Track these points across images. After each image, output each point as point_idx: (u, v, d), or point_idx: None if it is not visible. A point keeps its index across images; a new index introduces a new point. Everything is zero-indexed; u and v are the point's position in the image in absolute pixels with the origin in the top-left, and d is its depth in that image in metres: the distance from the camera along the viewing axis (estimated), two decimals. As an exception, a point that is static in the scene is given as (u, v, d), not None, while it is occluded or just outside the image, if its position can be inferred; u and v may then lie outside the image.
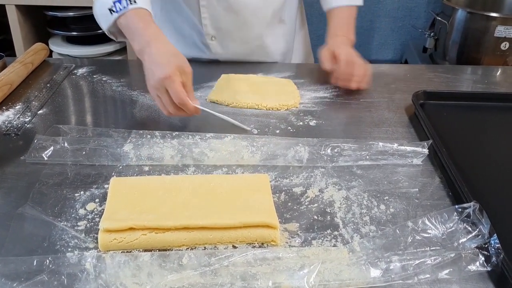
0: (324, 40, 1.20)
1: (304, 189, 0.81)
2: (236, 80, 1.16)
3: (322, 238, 0.71)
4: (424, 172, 0.86)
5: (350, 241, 0.70)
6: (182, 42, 1.30)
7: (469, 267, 0.65)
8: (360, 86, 1.13)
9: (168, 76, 0.89)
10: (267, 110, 1.06)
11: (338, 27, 1.23)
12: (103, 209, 0.72)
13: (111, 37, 1.07)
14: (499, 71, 1.38)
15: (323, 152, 0.88)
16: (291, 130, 0.99)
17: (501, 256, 0.65)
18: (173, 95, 0.90)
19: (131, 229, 0.68)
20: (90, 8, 2.25)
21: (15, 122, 0.98)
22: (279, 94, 1.10)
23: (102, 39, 2.25)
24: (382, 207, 0.77)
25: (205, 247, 0.69)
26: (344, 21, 1.24)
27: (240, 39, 1.27)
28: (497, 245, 0.66)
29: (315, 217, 0.75)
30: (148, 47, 0.94)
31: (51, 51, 2.20)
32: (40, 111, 1.03)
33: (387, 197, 0.80)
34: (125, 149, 0.88)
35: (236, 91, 1.10)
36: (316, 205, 0.77)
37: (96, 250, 0.67)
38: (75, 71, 1.23)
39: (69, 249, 0.67)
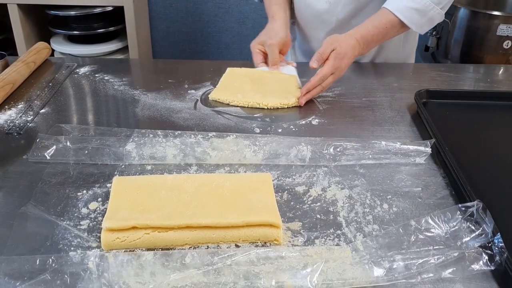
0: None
1: (307, 188, 0.81)
2: (239, 76, 1.16)
3: (325, 237, 0.71)
4: (427, 171, 0.86)
5: (353, 240, 0.70)
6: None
7: (472, 266, 0.65)
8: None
9: (252, 46, 1.23)
10: (268, 109, 1.06)
11: (371, 35, 1.14)
12: (106, 208, 0.72)
13: None
14: (502, 69, 1.38)
15: (326, 151, 0.88)
16: (294, 129, 0.99)
17: (505, 255, 0.64)
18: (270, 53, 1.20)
19: (133, 228, 0.67)
20: (92, 7, 2.26)
21: (17, 121, 0.98)
22: (281, 92, 1.10)
23: (104, 38, 2.25)
24: (385, 206, 0.77)
25: (208, 246, 0.69)
26: (383, 35, 1.16)
27: (305, 34, 1.38)
28: (500, 244, 0.65)
29: (318, 216, 0.75)
30: (268, 21, 1.29)
31: (53, 50, 2.21)
32: (42, 110, 1.03)
33: (390, 196, 0.79)
34: (127, 148, 0.88)
35: (238, 89, 1.10)
36: (319, 204, 0.77)
37: (99, 249, 0.67)
38: (77, 70, 1.23)
39: (72, 248, 0.67)
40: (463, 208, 0.71)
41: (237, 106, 1.07)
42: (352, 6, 1.25)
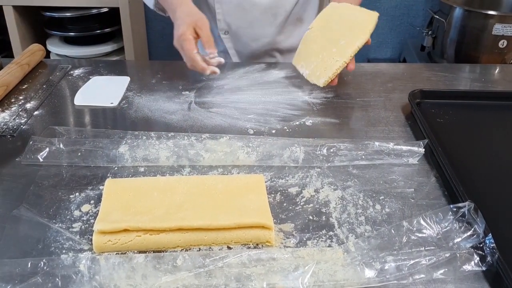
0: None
1: (300, 189, 0.81)
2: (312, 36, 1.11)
3: (317, 239, 0.71)
4: (420, 172, 0.86)
5: (345, 241, 0.70)
6: None
7: (464, 267, 0.65)
8: None
9: (181, 35, 1.03)
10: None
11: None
12: (98, 211, 0.72)
13: (161, 13, 1.24)
14: (497, 69, 1.38)
15: (319, 152, 0.88)
16: (287, 130, 0.99)
17: (496, 255, 0.64)
18: (185, 54, 1.05)
19: (125, 230, 0.67)
20: (88, 8, 2.25)
21: (10, 124, 0.98)
22: (353, 25, 1.06)
23: (100, 39, 2.25)
24: (378, 207, 0.77)
25: (199, 248, 0.69)
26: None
27: (250, 36, 1.31)
28: (492, 245, 0.65)
29: (311, 217, 0.75)
30: (174, 13, 1.09)
31: (49, 52, 2.20)
32: (36, 112, 1.03)
33: (382, 197, 0.79)
34: (120, 150, 0.88)
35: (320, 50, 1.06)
36: (311, 205, 0.77)
37: (90, 252, 0.67)
38: (71, 72, 1.22)
39: (64, 251, 0.67)
40: (455, 209, 0.71)
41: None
42: None
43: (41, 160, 0.86)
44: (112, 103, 1.07)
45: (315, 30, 1.12)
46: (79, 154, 0.87)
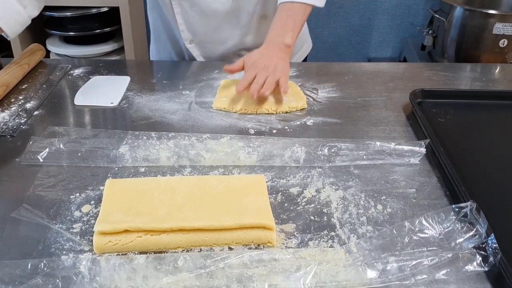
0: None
1: (301, 189, 0.80)
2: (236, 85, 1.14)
3: (319, 239, 0.70)
4: (421, 172, 0.86)
5: (347, 242, 0.69)
6: (175, 45, 1.36)
7: (466, 267, 0.65)
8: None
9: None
10: (276, 114, 1.04)
11: (278, 28, 1.12)
12: (99, 211, 0.72)
13: None
14: (498, 68, 1.38)
15: (320, 152, 0.88)
16: (288, 130, 0.98)
17: (499, 256, 0.64)
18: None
19: (126, 231, 0.67)
20: (87, 8, 2.24)
21: (10, 124, 0.98)
22: (286, 96, 1.08)
23: (100, 39, 2.25)
24: (379, 207, 0.77)
25: (200, 249, 0.69)
26: (289, 19, 1.12)
27: (217, 40, 1.30)
28: (494, 245, 0.65)
29: (312, 217, 0.74)
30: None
31: (49, 52, 2.20)
32: (36, 112, 1.03)
33: (384, 197, 0.79)
34: (121, 150, 0.87)
35: (243, 96, 1.06)
36: (313, 205, 0.77)
37: (91, 253, 0.67)
38: (71, 71, 1.22)
39: (64, 252, 0.67)
40: (457, 209, 0.71)
41: (245, 114, 1.04)
42: None
43: (41, 160, 0.85)
44: (112, 103, 1.07)
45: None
46: (79, 154, 0.87)
